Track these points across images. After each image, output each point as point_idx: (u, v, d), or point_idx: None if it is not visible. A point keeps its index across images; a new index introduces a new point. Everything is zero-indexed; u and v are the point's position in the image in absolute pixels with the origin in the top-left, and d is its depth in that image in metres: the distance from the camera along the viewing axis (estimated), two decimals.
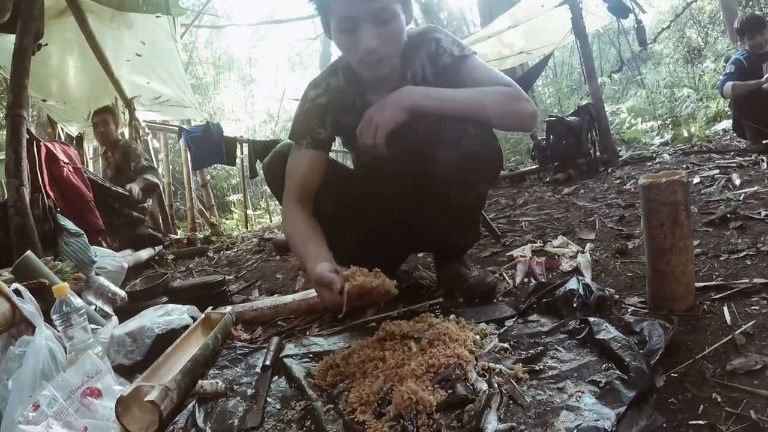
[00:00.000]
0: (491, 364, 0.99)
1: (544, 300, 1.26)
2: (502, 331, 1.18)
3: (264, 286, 2.18)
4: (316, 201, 1.42)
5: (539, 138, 4.67)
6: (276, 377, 1.18)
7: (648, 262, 1.20)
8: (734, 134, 4.43)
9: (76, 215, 2.65)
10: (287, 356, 1.23)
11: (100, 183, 3.23)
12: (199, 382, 1.16)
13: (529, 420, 0.84)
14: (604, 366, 0.95)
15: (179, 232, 5.40)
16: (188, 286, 1.92)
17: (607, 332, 1.01)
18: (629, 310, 1.23)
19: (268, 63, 18.50)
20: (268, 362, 1.21)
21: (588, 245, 1.85)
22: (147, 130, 5.01)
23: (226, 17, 15.51)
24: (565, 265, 1.62)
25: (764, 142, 3.65)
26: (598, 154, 4.39)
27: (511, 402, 0.89)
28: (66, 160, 2.81)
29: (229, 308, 1.60)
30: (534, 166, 4.68)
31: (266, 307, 1.63)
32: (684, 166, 3.65)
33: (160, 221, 4.93)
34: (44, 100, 4.62)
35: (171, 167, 6.37)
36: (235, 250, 3.73)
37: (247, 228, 5.79)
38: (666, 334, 1.00)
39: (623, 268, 1.57)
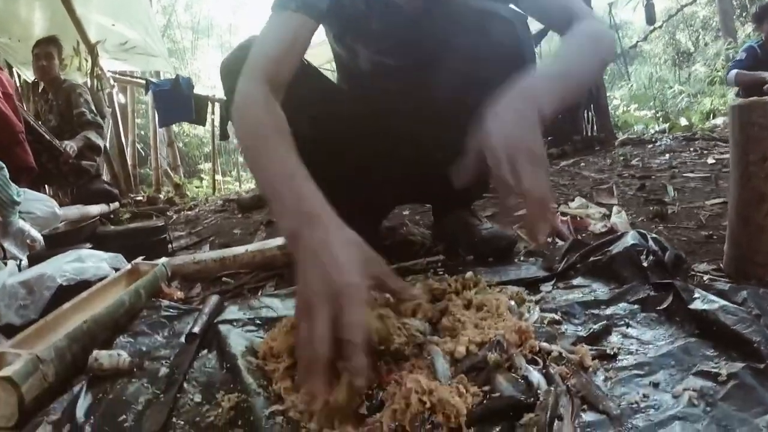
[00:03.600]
0: (543, 344, 0.63)
1: (591, 259, 0.91)
2: (538, 297, 0.82)
3: (218, 242, 1.78)
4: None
5: None
6: (205, 351, 0.80)
7: (735, 213, 0.87)
8: None
9: (1, 148, 2.19)
10: (224, 321, 0.85)
11: (33, 126, 2.71)
12: (94, 352, 0.79)
13: None
14: (713, 349, 0.62)
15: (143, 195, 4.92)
16: (119, 231, 1.52)
17: (708, 301, 0.67)
18: (705, 278, 0.90)
19: (249, 31, 17.84)
20: (196, 329, 0.83)
21: (615, 208, 1.52)
22: (112, 82, 4.48)
23: None
24: (598, 225, 1.29)
25: None
26: (594, 132, 4.13)
27: (585, 407, 0.54)
28: None
29: (163, 260, 1.21)
30: None
31: (211, 259, 1.25)
32: (691, 149, 3.39)
33: (122, 181, 4.47)
34: None
35: (138, 131, 5.85)
36: (197, 210, 3.32)
37: (215, 194, 5.34)
38: None
39: (671, 233, 1.24)
